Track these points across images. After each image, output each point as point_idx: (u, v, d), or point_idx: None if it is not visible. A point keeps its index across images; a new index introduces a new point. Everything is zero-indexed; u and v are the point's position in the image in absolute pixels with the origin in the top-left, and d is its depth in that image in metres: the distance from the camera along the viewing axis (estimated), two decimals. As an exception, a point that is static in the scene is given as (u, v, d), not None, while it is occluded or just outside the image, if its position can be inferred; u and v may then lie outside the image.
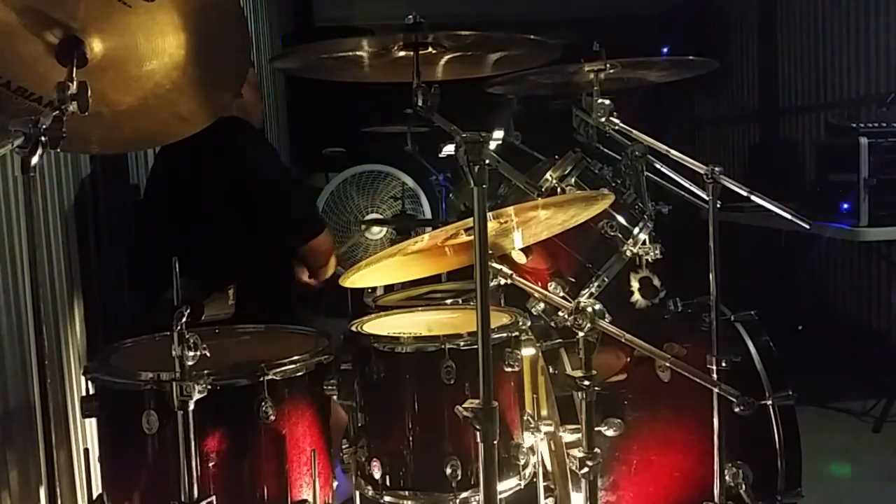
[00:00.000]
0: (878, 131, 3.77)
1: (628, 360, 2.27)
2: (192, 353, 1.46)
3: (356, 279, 1.87)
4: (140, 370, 1.60)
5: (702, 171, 1.91)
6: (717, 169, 1.88)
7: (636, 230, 2.07)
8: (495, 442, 1.39)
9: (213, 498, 1.52)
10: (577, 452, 1.69)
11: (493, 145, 1.39)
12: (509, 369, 1.83)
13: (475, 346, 1.39)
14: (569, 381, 1.68)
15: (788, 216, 1.95)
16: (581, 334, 1.65)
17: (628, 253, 2.06)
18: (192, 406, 1.47)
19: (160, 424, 1.55)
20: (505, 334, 1.83)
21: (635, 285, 2.06)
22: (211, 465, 1.60)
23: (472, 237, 1.47)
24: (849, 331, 5.02)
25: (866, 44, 4.83)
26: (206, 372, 1.52)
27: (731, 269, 2.08)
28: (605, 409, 1.97)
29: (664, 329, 2.23)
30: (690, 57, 2.27)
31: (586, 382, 1.66)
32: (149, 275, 2.52)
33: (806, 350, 4.38)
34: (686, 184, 2.07)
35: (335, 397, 1.83)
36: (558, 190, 2.09)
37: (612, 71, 2.17)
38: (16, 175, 1.88)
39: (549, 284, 2.07)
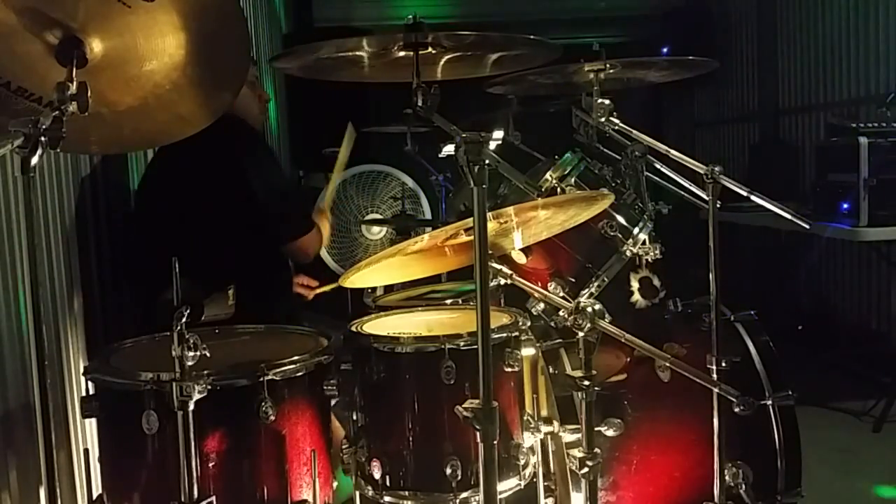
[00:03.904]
0: (878, 131, 3.78)
1: (628, 360, 2.27)
2: (192, 354, 1.46)
3: (356, 279, 1.87)
4: (140, 370, 1.60)
5: (702, 171, 1.91)
6: (716, 169, 1.88)
7: (636, 230, 2.07)
8: (495, 442, 1.40)
9: (213, 498, 1.52)
10: (577, 452, 1.69)
11: (493, 145, 1.39)
12: (509, 369, 1.83)
13: (475, 346, 1.39)
14: (569, 381, 1.69)
15: (788, 216, 1.95)
16: (581, 334, 1.65)
17: (628, 253, 2.06)
18: (192, 406, 1.47)
19: (160, 424, 1.55)
20: (505, 334, 1.83)
21: (635, 285, 2.06)
22: (211, 465, 1.60)
23: (472, 237, 1.47)
24: (849, 331, 5.02)
25: (866, 44, 4.83)
26: (206, 372, 1.52)
27: (731, 269, 2.08)
28: (605, 409, 1.97)
29: (664, 329, 2.24)
30: (690, 57, 2.27)
31: (586, 382, 1.66)
32: (149, 275, 2.52)
33: (806, 350, 4.38)
34: (686, 184, 2.07)
35: (333, 409, 1.83)
36: (558, 190, 2.09)
37: (612, 71, 2.17)
38: (16, 175, 1.88)
39: (549, 284, 2.07)
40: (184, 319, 1.45)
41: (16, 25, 1.41)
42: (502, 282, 1.87)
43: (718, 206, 1.89)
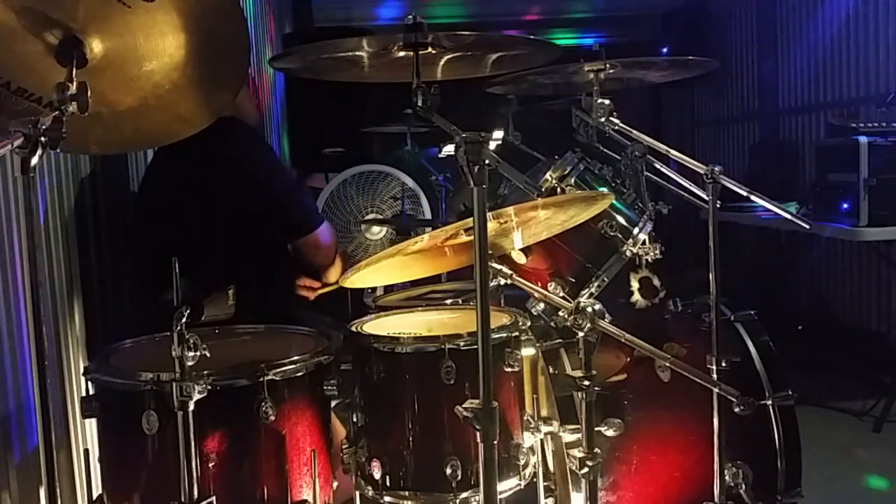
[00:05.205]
0: (878, 131, 3.77)
1: (628, 360, 2.27)
2: (192, 354, 1.46)
3: (356, 279, 1.87)
4: (140, 370, 1.60)
5: (702, 171, 1.91)
6: (716, 169, 1.88)
7: (636, 230, 2.07)
8: (495, 442, 1.39)
9: (213, 498, 1.52)
10: (577, 452, 1.69)
11: (493, 145, 1.39)
12: (509, 369, 1.83)
13: (475, 346, 1.39)
14: (569, 381, 1.68)
15: (788, 216, 1.95)
16: (581, 334, 1.65)
17: (628, 253, 2.06)
18: (192, 406, 1.47)
19: (160, 425, 1.55)
20: (505, 334, 1.83)
21: (635, 285, 2.06)
22: (211, 465, 1.60)
23: (472, 237, 1.47)
24: (849, 331, 5.01)
25: (866, 44, 4.83)
26: (206, 372, 1.52)
27: (731, 269, 2.08)
28: (605, 409, 1.97)
29: (664, 329, 2.23)
30: (690, 57, 2.27)
31: (586, 382, 1.66)
32: (149, 275, 2.52)
33: (806, 350, 4.38)
34: (686, 184, 2.07)
35: (333, 409, 1.83)
36: (558, 190, 2.09)
37: (611, 71, 2.17)
38: (16, 175, 1.88)
39: (549, 284, 2.07)
40: (184, 319, 1.45)
41: (16, 25, 1.41)
42: (502, 282, 1.87)
43: (718, 206, 1.89)
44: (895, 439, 3.59)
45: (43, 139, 1.25)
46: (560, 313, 1.70)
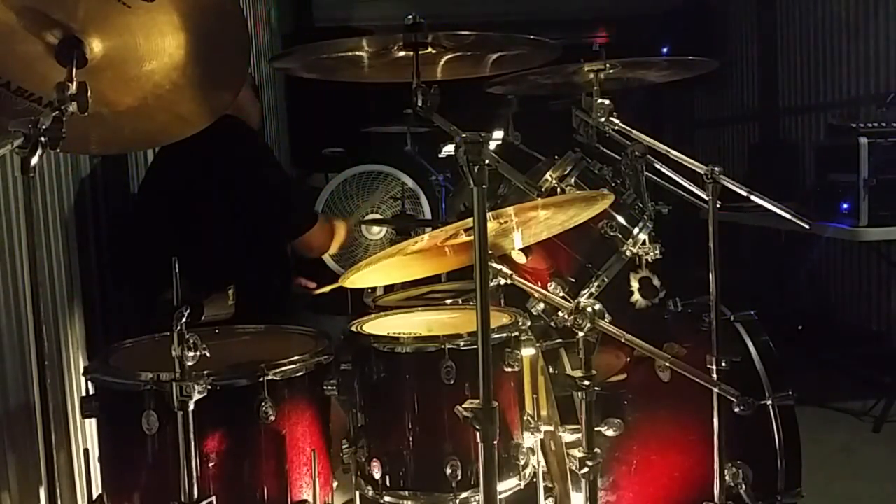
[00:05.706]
0: (878, 131, 3.77)
1: (628, 360, 2.27)
2: (191, 354, 1.46)
3: (356, 279, 1.87)
4: (140, 370, 1.60)
5: (701, 171, 1.91)
6: (716, 169, 1.88)
7: (636, 230, 2.07)
8: (495, 442, 1.40)
9: (213, 498, 1.52)
10: (577, 452, 1.69)
11: (493, 145, 1.39)
12: (509, 369, 1.83)
13: (475, 346, 1.39)
14: (569, 381, 1.68)
15: (788, 216, 1.95)
16: (581, 334, 1.65)
17: (628, 253, 2.06)
18: (192, 406, 1.47)
19: (160, 424, 1.55)
20: (505, 334, 1.84)
21: (635, 285, 2.06)
22: (211, 465, 1.60)
23: (472, 237, 1.47)
24: (849, 331, 5.02)
25: (866, 44, 4.83)
26: (205, 372, 1.52)
27: (731, 269, 2.08)
28: (605, 409, 1.97)
29: (664, 329, 2.23)
30: (690, 57, 2.27)
31: (586, 382, 1.66)
32: (149, 275, 2.52)
33: (806, 350, 4.38)
34: (686, 184, 2.07)
35: (335, 395, 1.83)
36: (558, 190, 2.09)
37: (612, 71, 2.17)
38: (16, 175, 1.88)
39: (549, 284, 2.07)
40: (184, 319, 1.45)
41: (16, 25, 1.41)
42: (502, 282, 1.87)
43: (718, 206, 1.89)
44: (895, 439, 3.59)
45: (43, 139, 1.25)
46: (560, 313, 1.70)
